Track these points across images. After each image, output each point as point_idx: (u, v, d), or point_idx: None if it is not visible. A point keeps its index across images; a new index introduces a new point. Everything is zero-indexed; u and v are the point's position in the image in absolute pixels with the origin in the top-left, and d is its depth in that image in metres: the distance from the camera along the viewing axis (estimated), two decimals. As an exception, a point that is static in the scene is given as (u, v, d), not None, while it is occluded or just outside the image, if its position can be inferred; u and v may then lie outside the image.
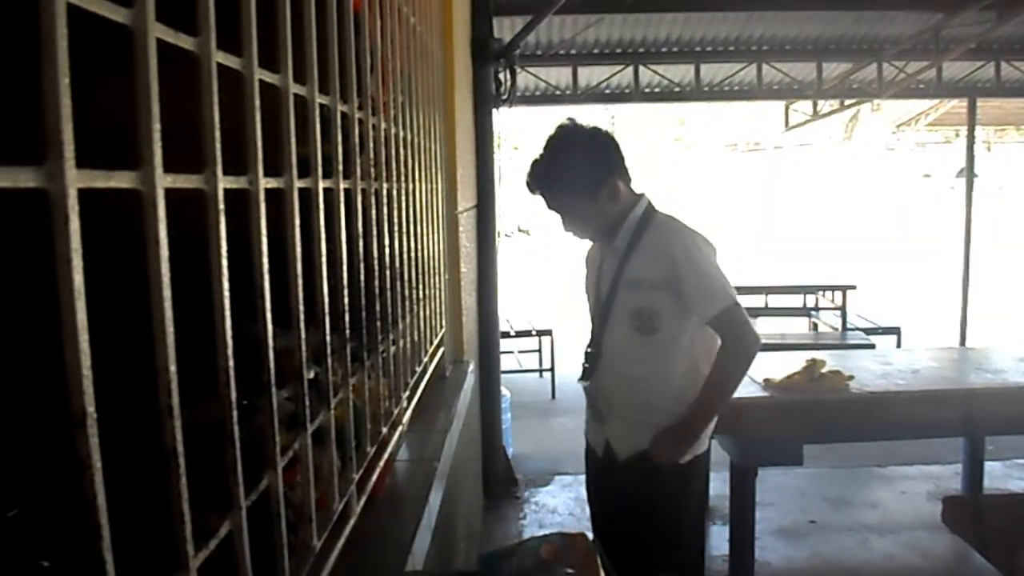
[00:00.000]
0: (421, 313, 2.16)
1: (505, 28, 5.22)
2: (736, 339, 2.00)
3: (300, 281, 1.03)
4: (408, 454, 1.94)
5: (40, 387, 0.85)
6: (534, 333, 7.09)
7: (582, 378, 2.22)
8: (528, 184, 2.15)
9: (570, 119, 2.16)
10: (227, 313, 0.79)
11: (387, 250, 1.63)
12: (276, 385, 0.94)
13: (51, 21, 0.51)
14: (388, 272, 1.63)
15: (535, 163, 2.14)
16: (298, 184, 1.03)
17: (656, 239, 2.06)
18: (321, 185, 1.14)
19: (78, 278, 0.53)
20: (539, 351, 7.18)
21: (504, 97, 4.41)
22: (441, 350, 2.65)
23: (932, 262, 14.37)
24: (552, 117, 2.08)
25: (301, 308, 1.04)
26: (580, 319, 2.47)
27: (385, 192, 1.62)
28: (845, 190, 24.50)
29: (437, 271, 2.51)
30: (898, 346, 7.27)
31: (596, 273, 2.22)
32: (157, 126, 0.65)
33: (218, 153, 0.77)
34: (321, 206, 1.14)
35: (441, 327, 2.64)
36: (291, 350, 1.05)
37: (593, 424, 2.27)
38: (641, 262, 2.04)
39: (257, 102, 0.88)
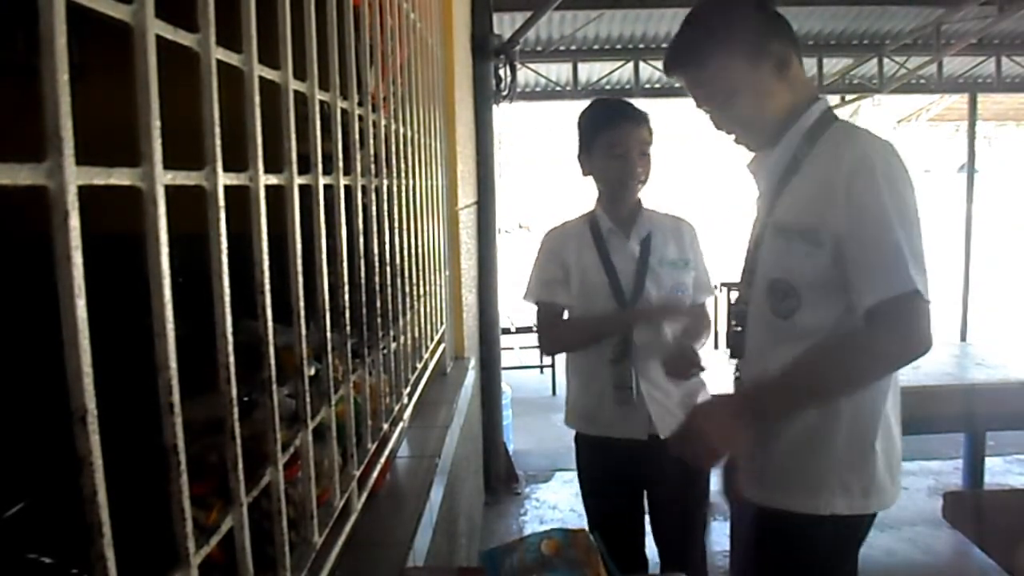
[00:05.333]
0: (421, 310, 2.16)
1: (505, 24, 5.22)
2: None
3: (300, 278, 1.03)
4: (409, 450, 1.95)
5: (41, 385, 0.85)
6: (535, 329, 7.08)
7: (615, 359, 2.10)
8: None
9: None
10: (228, 310, 0.79)
11: (387, 246, 1.62)
12: (277, 382, 0.94)
13: (50, 18, 0.51)
14: (388, 268, 1.63)
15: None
16: (298, 181, 1.03)
17: (673, 224, 2.22)
18: (321, 181, 1.14)
19: (78, 275, 0.53)
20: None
21: (504, 93, 4.41)
22: (442, 346, 2.65)
23: (933, 257, 14.36)
24: (552, 114, 2.06)
25: (302, 305, 1.04)
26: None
27: (385, 188, 1.62)
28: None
29: (437, 267, 2.51)
30: (898, 341, 7.25)
31: (602, 267, 2.15)
32: (157, 123, 0.65)
33: (218, 150, 0.77)
34: (321, 202, 1.14)
35: (442, 323, 2.64)
36: (291, 347, 1.05)
37: (620, 409, 2.12)
38: (663, 243, 2.17)
39: (257, 99, 0.88)
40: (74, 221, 0.53)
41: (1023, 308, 10.15)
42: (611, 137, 2.07)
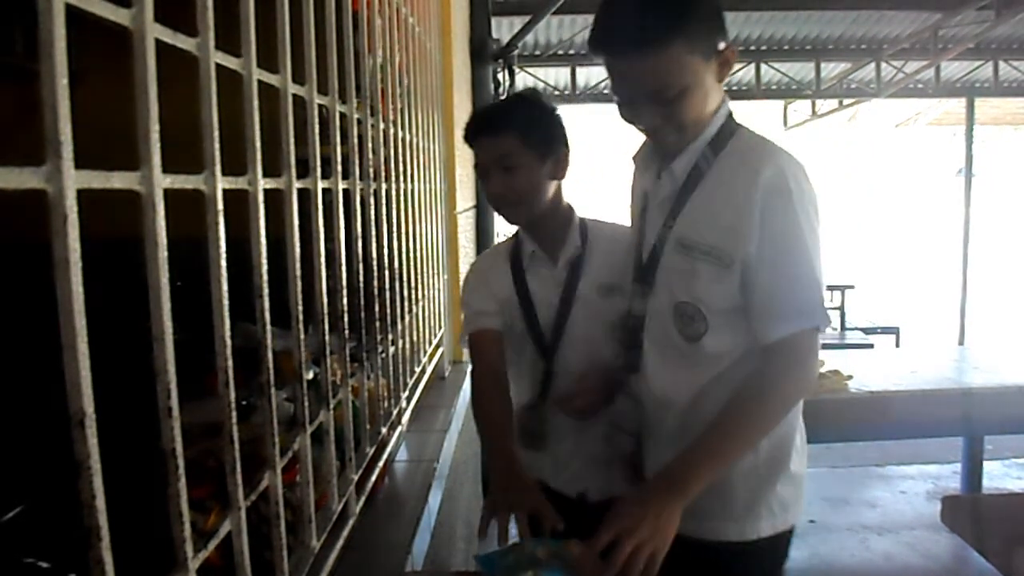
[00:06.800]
0: (420, 313, 2.16)
1: (504, 28, 5.23)
2: None
3: (299, 282, 1.03)
4: (407, 454, 1.94)
5: (40, 388, 0.85)
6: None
7: (532, 402, 1.69)
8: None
9: None
10: (226, 314, 0.79)
11: (386, 250, 1.62)
12: (275, 386, 0.94)
13: (50, 22, 0.51)
14: (387, 272, 1.63)
15: None
16: (297, 184, 1.03)
17: (622, 237, 1.69)
18: (320, 185, 1.14)
19: (77, 279, 0.53)
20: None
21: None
22: (440, 350, 2.65)
23: (931, 261, 14.40)
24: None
25: (300, 309, 1.04)
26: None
27: (384, 192, 1.62)
28: (843, 189, 24.52)
29: (436, 271, 2.51)
30: (897, 346, 7.28)
31: (518, 301, 1.71)
32: (156, 127, 0.65)
33: (217, 154, 0.77)
34: (320, 206, 1.14)
35: (440, 327, 2.64)
36: (290, 351, 1.05)
37: (537, 453, 1.66)
38: (601, 263, 1.71)
39: (256, 103, 0.88)
40: (73, 224, 0.53)
41: (1021, 312, 10.17)
42: (474, 155, 1.67)
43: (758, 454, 1.33)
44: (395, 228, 1.74)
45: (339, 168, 1.27)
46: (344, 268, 1.28)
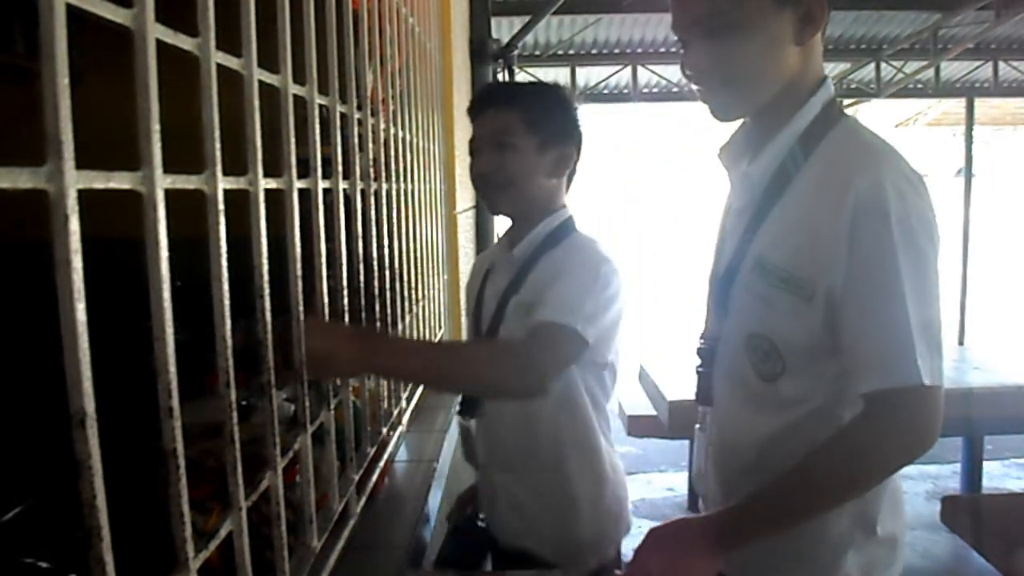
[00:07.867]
0: (420, 314, 2.16)
1: (503, 28, 5.23)
2: None
3: (300, 282, 1.03)
4: (407, 455, 1.94)
5: (40, 388, 0.85)
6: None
7: (461, 411, 1.69)
8: None
9: None
10: (227, 314, 0.79)
11: (386, 250, 1.62)
12: (276, 386, 0.94)
13: (51, 22, 0.51)
14: (387, 272, 1.63)
15: None
16: (297, 185, 1.03)
17: (563, 256, 1.55)
18: (320, 185, 1.14)
19: (78, 279, 0.53)
20: (538, 351, 7.14)
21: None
22: (440, 350, 2.64)
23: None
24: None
25: (301, 309, 1.04)
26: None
27: (384, 192, 1.62)
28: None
29: (436, 272, 2.51)
30: (897, 346, 7.27)
31: (475, 301, 1.68)
32: (157, 127, 0.65)
33: (218, 154, 0.77)
34: (320, 207, 1.14)
35: (440, 328, 2.64)
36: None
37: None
38: (536, 279, 1.55)
39: (257, 103, 0.88)
40: (74, 225, 0.53)
41: (1021, 312, 10.17)
42: (472, 131, 1.56)
43: (840, 513, 1.13)
44: (395, 228, 1.74)
45: (339, 168, 1.27)
46: (345, 268, 1.28)
